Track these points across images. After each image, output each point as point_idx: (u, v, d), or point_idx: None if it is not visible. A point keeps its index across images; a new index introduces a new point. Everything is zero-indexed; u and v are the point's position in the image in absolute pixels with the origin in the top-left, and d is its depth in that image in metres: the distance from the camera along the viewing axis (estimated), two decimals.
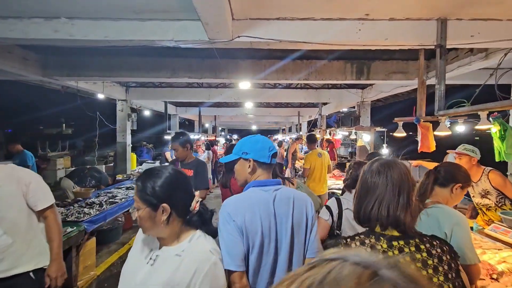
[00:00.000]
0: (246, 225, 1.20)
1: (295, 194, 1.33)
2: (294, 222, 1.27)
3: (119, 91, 7.27)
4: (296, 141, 8.32)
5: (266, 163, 1.33)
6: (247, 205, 1.25)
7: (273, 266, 1.24)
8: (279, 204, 1.27)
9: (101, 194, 4.40)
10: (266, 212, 1.24)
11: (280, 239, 1.25)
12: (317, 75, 4.58)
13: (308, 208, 1.32)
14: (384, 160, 1.07)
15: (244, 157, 1.34)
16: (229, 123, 24.26)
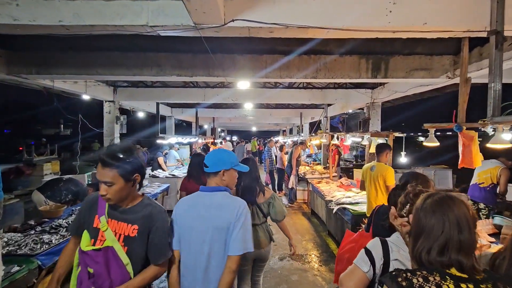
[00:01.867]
0: (177, 218, 1.66)
1: (225, 201, 1.62)
2: (216, 224, 1.57)
3: (106, 91, 6.64)
4: (300, 145, 7.67)
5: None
6: (185, 203, 1.70)
7: (196, 256, 1.58)
8: (207, 208, 1.61)
9: (75, 211, 3.76)
10: (195, 212, 1.62)
11: (202, 236, 1.58)
12: (326, 72, 3.95)
13: (233, 214, 1.57)
14: (438, 197, 1.01)
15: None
16: (229, 124, 23.61)
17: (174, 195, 6.82)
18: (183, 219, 1.64)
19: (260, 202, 2.54)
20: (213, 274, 1.56)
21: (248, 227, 1.60)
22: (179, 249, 1.63)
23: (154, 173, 7.14)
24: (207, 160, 1.71)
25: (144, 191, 5.34)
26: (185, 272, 1.61)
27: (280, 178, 9.03)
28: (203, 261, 1.56)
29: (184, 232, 1.63)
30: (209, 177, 1.70)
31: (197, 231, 1.59)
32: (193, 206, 1.66)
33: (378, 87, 6.34)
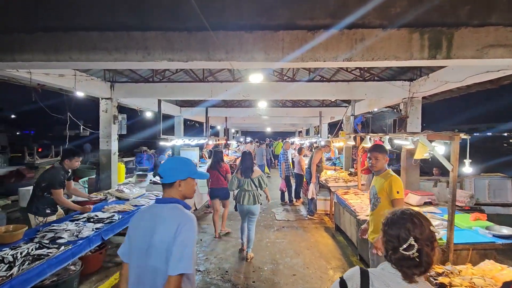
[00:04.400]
0: (129, 229, 1.59)
1: (169, 215, 1.49)
2: (158, 238, 1.44)
3: (102, 87, 5.91)
4: (322, 148, 6.63)
5: None
6: (138, 214, 1.62)
7: (140, 272, 1.47)
8: (153, 220, 1.50)
9: (40, 233, 2.95)
10: (143, 224, 1.52)
11: (147, 250, 1.45)
12: (364, 53, 2.92)
13: (174, 228, 1.42)
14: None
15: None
16: (242, 125, 22.77)
17: None
18: (133, 231, 1.57)
19: (252, 177, 4.38)
20: None
21: (188, 245, 1.43)
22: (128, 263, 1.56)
23: (155, 179, 6.35)
24: (161, 170, 1.62)
25: (138, 203, 4.51)
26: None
27: (298, 185, 8.01)
28: (149, 278, 1.45)
29: (132, 245, 1.54)
30: (164, 188, 1.61)
31: (143, 245, 1.48)
32: (142, 218, 1.57)
33: (421, 78, 5.20)
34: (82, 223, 3.35)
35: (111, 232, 3.40)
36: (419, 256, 1.07)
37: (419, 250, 1.07)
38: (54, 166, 3.84)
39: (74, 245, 2.75)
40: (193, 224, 1.49)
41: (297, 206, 7.73)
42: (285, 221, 6.37)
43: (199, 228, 5.81)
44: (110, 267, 4.03)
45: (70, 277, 3.26)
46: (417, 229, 1.09)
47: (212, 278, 3.75)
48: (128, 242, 1.55)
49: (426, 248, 1.07)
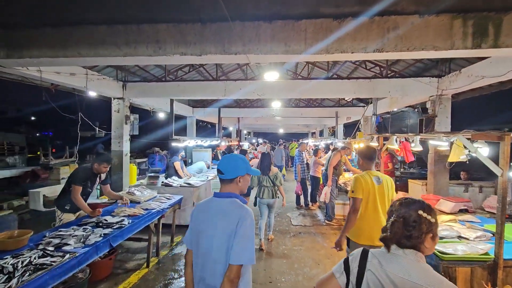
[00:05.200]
0: (191, 220, 1.70)
1: (230, 208, 1.59)
2: (221, 230, 1.55)
3: (114, 87, 5.80)
4: (342, 150, 6.27)
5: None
6: (198, 207, 1.72)
7: (203, 259, 1.59)
8: (215, 214, 1.60)
9: (46, 238, 2.78)
10: (205, 216, 1.62)
11: (210, 241, 1.57)
12: (398, 43, 2.60)
13: (235, 221, 1.52)
14: None
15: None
16: (255, 126, 22.54)
17: (190, 207, 5.78)
18: (195, 223, 1.67)
19: (270, 175, 4.84)
20: (218, 279, 1.53)
21: (250, 237, 1.53)
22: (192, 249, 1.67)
23: (167, 181, 6.17)
24: (221, 167, 1.69)
25: (149, 206, 4.32)
26: (197, 274, 1.63)
27: (314, 188, 7.66)
28: (210, 265, 1.57)
29: (194, 235, 1.66)
30: (223, 183, 1.70)
31: (205, 235, 1.60)
32: (204, 210, 1.67)
33: (451, 74, 4.78)
34: (91, 227, 3.17)
35: (120, 238, 3.20)
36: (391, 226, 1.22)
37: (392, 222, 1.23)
38: (84, 165, 3.82)
39: (79, 253, 2.56)
40: (253, 218, 1.60)
41: (314, 211, 7.38)
42: (302, 226, 6.06)
43: None
44: (120, 274, 3.85)
45: (77, 285, 3.10)
46: (402, 209, 1.24)
47: None
48: (191, 231, 1.69)
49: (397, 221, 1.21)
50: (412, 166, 9.97)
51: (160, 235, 4.53)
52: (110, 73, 5.95)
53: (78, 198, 3.57)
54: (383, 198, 2.68)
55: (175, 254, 4.54)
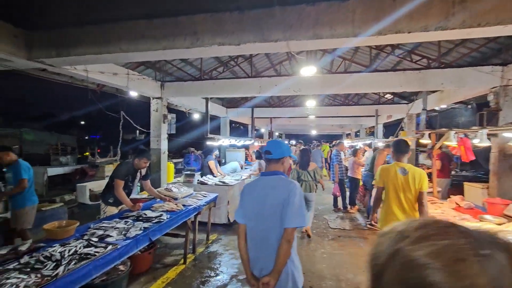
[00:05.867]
0: (242, 198, 1.95)
1: (280, 183, 1.84)
2: (272, 202, 1.79)
3: (153, 87, 5.98)
4: (387, 149, 5.80)
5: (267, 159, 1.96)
6: (248, 185, 1.98)
7: (257, 230, 1.83)
8: (264, 188, 1.85)
9: (91, 230, 2.86)
10: (255, 192, 1.88)
11: (262, 212, 1.81)
12: (467, 19, 2.22)
13: (286, 192, 1.76)
14: None
15: None
16: (287, 127, 22.22)
17: (224, 206, 5.74)
18: (246, 199, 1.92)
19: (309, 170, 5.09)
20: (273, 245, 1.75)
21: (301, 205, 1.76)
22: (245, 224, 1.90)
23: (202, 179, 6.20)
24: (270, 148, 1.93)
25: (186, 202, 4.33)
26: (250, 244, 1.87)
27: (353, 190, 7.21)
28: (264, 234, 1.80)
29: (247, 209, 1.90)
30: (270, 163, 1.94)
31: (258, 208, 1.83)
32: (253, 188, 1.92)
33: None
34: (131, 221, 3.22)
35: (159, 233, 3.20)
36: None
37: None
38: (126, 161, 3.95)
39: (121, 246, 2.57)
40: (301, 190, 1.83)
41: (353, 214, 6.93)
42: (341, 229, 5.69)
43: None
44: (159, 268, 3.87)
45: (119, 277, 3.14)
46: None
47: None
48: (242, 207, 1.92)
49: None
50: (465, 168, 8.98)
51: (196, 233, 4.52)
52: (149, 74, 6.16)
53: (120, 192, 3.68)
54: (408, 188, 2.79)
55: (211, 252, 4.49)
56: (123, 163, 3.92)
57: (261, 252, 1.80)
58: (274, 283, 1.70)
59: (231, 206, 5.91)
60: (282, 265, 1.71)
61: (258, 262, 1.81)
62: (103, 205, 3.90)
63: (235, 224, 6.03)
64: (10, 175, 3.91)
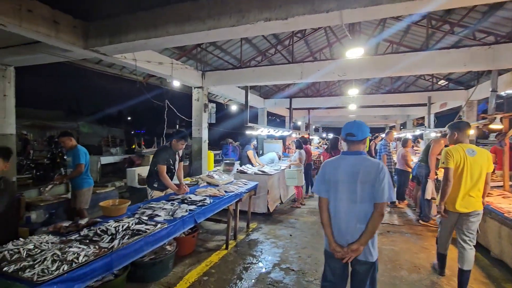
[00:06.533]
0: (325, 174, 2.08)
1: (366, 162, 1.98)
2: (362, 178, 1.93)
3: (194, 76, 6.08)
4: (443, 138, 5.20)
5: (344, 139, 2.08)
6: (331, 163, 2.10)
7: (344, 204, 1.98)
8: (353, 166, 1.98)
9: (140, 209, 2.96)
10: (343, 169, 2.01)
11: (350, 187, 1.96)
12: None
13: (374, 171, 1.91)
14: None
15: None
16: (325, 120, 21.48)
17: (264, 195, 5.66)
18: (329, 175, 2.05)
19: None
20: (360, 219, 1.93)
21: (389, 181, 1.92)
22: (328, 198, 2.06)
23: (241, 168, 6.19)
24: (353, 131, 2.01)
25: (227, 189, 4.32)
26: (335, 217, 2.02)
27: (402, 184, 6.65)
28: (352, 208, 1.95)
29: (332, 184, 2.03)
30: (353, 144, 2.03)
31: (346, 183, 1.97)
32: (338, 165, 2.05)
33: None
34: (177, 203, 3.28)
35: (203, 216, 3.22)
36: None
37: None
38: (164, 145, 4.06)
39: (169, 224, 2.61)
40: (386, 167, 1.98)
41: (401, 209, 6.41)
42: (389, 224, 5.27)
43: (287, 223, 5.33)
44: (202, 252, 3.93)
45: (166, 257, 3.24)
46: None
47: (309, 282, 3.18)
48: (325, 183, 2.07)
49: None
50: None
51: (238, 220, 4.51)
52: (191, 65, 6.28)
53: (164, 176, 3.79)
54: (478, 169, 2.82)
55: (251, 240, 4.45)
56: (161, 148, 4.02)
57: (347, 225, 1.95)
58: (361, 250, 1.91)
59: (270, 196, 5.82)
60: (371, 235, 1.90)
61: (346, 233, 1.97)
62: (149, 190, 4.05)
63: (275, 214, 5.98)
64: (70, 160, 4.24)
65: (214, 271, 3.40)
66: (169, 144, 3.98)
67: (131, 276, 2.99)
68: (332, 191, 2.02)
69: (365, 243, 1.90)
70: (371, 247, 1.95)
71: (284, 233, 4.75)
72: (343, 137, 2.07)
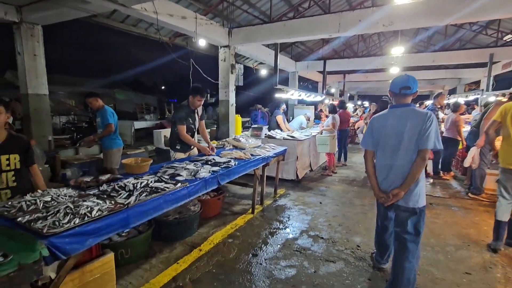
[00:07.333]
0: (373, 127, 2.23)
1: (415, 113, 2.05)
2: (410, 128, 2.02)
3: (220, 33, 5.66)
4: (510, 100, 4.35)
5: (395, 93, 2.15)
6: (380, 117, 2.23)
7: (391, 154, 2.11)
8: (402, 118, 2.07)
9: (163, 168, 2.85)
10: (392, 122, 2.12)
11: (398, 138, 2.07)
12: None
13: (422, 120, 1.99)
14: None
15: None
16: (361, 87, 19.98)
17: (293, 161, 5.39)
18: (379, 127, 2.19)
19: None
20: (403, 167, 2.05)
21: (437, 130, 1.99)
22: (375, 150, 2.25)
23: (270, 133, 5.90)
24: (411, 83, 2.08)
25: (254, 152, 4.09)
26: (381, 167, 2.18)
27: (450, 153, 5.93)
28: (400, 153, 2.06)
29: (381, 137, 2.17)
30: (405, 97, 2.12)
31: (392, 136, 2.09)
32: (387, 118, 2.17)
33: None
34: (200, 164, 3.13)
35: (227, 178, 3.05)
36: None
37: None
38: (181, 104, 3.85)
39: (190, 185, 2.47)
40: (434, 116, 2.03)
41: (447, 181, 5.78)
42: (433, 196, 4.77)
43: (317, 191, 5.06)
44: (227, 215, 3.86)
45: (190, 217, 3.18)
46: None
47: (340, 251, 2.95)
48: (372, 136, 2.22)
49: None
50: None
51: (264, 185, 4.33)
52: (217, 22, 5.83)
53: (186, 136, 3.63)
54: None
55: (278, 205, 4.28)
56: (178, 107, 3.77)
57: (391, 174, 2.10)
58: (402, 194, 2.03)
59: (300, 162, 5.53)
60: (412, 180, 2.00)
61: (390, 182, 2.11)
62: (172, 152, 3.94)
63: (304, 181, 5.71)
64: (99, 120, 4.25)
65: (239, 234, 3.31)
66: (186, 102, 3.74)
67: (156, 234, 2.99)
68: (380, 143, 2.16)
69: (405, 188, 2.01)
70: (412, 193, 2.04)
71: (313, 201, 4.51)
72: (395, 92, 2.12)
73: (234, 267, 2.62)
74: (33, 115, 4.52)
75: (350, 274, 2.55)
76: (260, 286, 2.36)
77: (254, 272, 2.56)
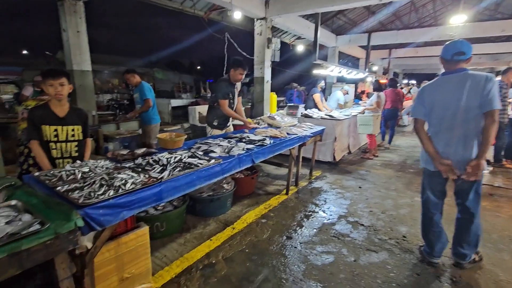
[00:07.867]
0: (425, 96, 2.12)
1: (471, 76, 1.93)
2: (469, 92, 1.92)
3: (256, 4, 5.33)
4: None
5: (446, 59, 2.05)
6: (433, 85, 2.12)
7: (451, 122, 2.01)
8: (459, 84, 1.97)
9: (197, 144, 2.79)
10: (447, 88, 2.02)
11: (457, 103, 1.97)
12: None
13: (481, 82, 1.88)
14: None
15: None
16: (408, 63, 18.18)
17: (331, 142, 5.08)
18: (436, 95, 2.07)
19: None
20: (469, 135, 1.96)
21: (497, 90, 1.89)
22: (427, 120, 2.14)
23: (306, 112, 5.59)
24: (465, 48, 1.98)
25: (290, 131, 3.88)
26: (442, 137, 2.06)
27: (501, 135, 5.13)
28: (461, 116, 1.96)
29: (435, 105, 2.07)
30: (460, 63, 2.00)
31: (453, 100, 1.98)
32: (441, 84, 2.08)
33: None
34: (235, 141, 3.02)
35: (262, 156, 2.90)
36: None
37: None
38: (221, 78, 3.72)
39: (224, 162, 2.36)
40: (494, 76, 1.95)
41: (510, 170, 5.05)
42: (492, 186, 4.19)
43: (356, 174, 4.74)
44: (261, 195, 3.77)
45: (224, 195, 3.13)
46: None
47: (383, 240, 2.70)
48: (423, 106, 2.13)
49: None
50: None
51: (300, 166, 4.13)
52: None
53: (228, 110, 3.54)
54: None
55: (314, 188, 4.08)
56: (219, 81, 3.62)
57: (452, 144, 2.01)
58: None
59: (338, 143, 5.19)
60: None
61: (451, 152, 2.02)
62: (209, 128, 3.88)
63: (342, 164, 5.38)
64: (137, 96, 4.32)
65: (273, 214, 3.20)
66: (227, 76, 3.59)
67: (190, 209, 2.99)
68: (434, 112, 2.07)
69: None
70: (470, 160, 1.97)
71: (352, 184, 4.22)
72: (446, 58, 2.02)
73: (267, 249, 2.53)
74: (79, 91, 4.74)
75: (395, 266, 2.31)
76: (295, 271, 2.24)
77: (288, 255, 2.44)
